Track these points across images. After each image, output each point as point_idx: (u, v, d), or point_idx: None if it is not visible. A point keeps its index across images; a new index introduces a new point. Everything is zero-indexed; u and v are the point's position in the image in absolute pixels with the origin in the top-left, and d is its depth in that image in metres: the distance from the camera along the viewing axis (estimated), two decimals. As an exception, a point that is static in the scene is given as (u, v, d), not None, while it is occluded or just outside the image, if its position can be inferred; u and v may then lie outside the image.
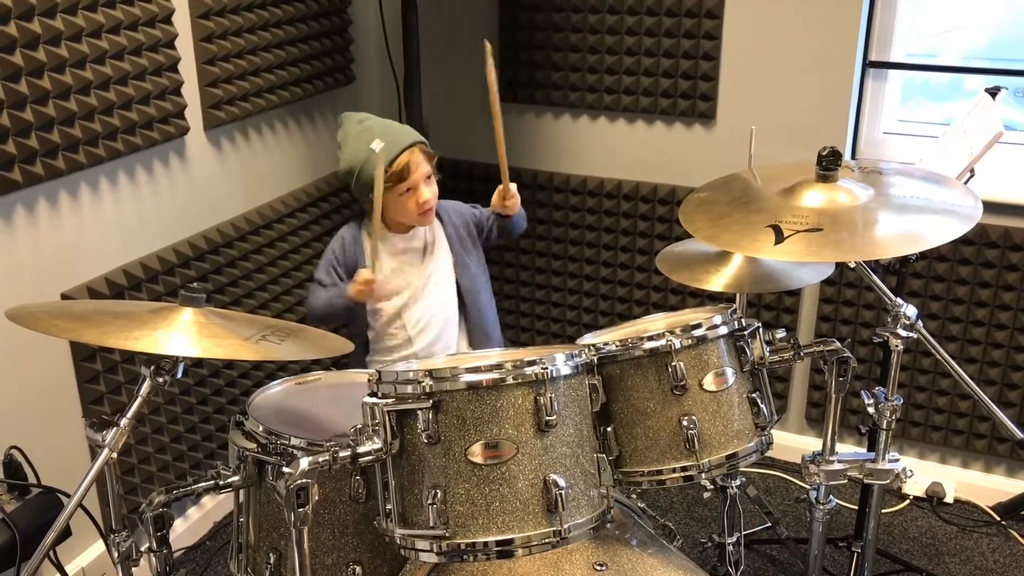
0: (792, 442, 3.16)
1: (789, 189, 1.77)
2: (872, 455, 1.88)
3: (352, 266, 2.35)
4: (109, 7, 2.23)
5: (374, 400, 1.44)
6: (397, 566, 1.69)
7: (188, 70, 2.52)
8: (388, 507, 1.47)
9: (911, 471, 1.89)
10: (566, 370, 1.48)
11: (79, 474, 1.52)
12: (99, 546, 2.45)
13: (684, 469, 1.64)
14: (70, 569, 2.34)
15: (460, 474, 1.42)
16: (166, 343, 1.49)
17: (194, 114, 2.56)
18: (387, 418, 1.43)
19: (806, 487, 1.98)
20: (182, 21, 2.47)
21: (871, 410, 1.88)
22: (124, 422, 1.53)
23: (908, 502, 2.98)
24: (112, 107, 2.27)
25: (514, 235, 2.54)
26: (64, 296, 2.27)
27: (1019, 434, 2.00)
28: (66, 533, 1.59)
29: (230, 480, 1.64)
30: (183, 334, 1.52)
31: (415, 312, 2.38)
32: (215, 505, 2.86)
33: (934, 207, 1.72)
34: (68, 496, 1.52)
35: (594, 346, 1.65)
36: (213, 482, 1.63)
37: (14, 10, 2.00)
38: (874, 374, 3.01)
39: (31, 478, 1.94)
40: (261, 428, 1.66)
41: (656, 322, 1.91)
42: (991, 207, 2.49)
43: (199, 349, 1.52)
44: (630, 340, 1.65)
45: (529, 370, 1.44)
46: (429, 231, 2.43)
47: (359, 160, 2.26)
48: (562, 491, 1.42)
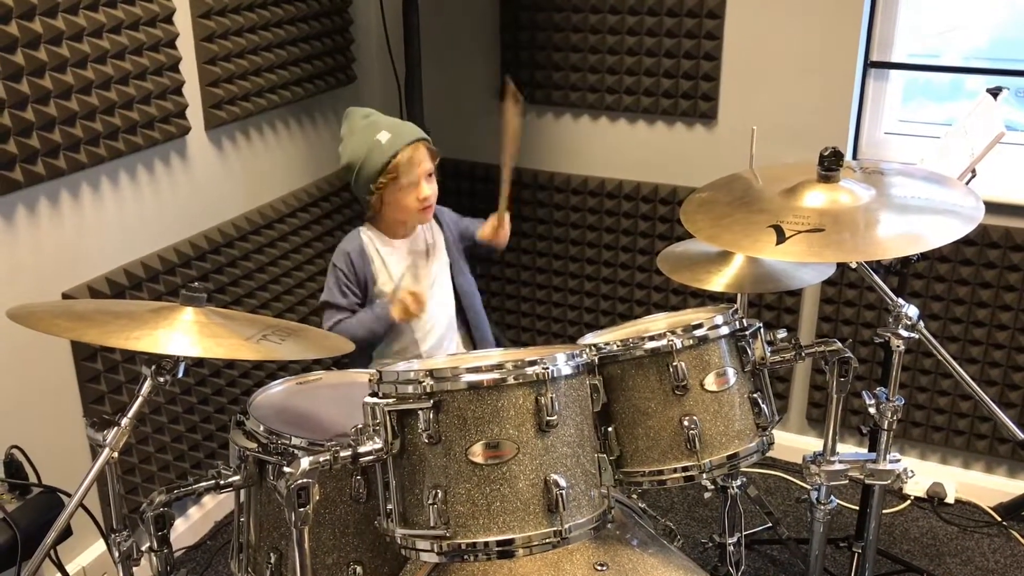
0: (793, 442, 3.16)
1: (790, 189, 1.77)
2: (873, 455, 1.88)
3: (364, 280, 2.30)
4: (110, 7, 2.23)
5: (375, 400, 1.44)
6: (398, 566, 1.69)
7: (189, 70, 2.52)
8: (389, 507, 1.47)
9: (912, 471, 1.89)
10: (567, 370, 1.48)
11: (80, 474, 1.52)
12: (100, 546, 2.45)
13: (685, 469, 1.64)
14: (71, 568, 2.34)
15: (461, 474, 1.42)
16: (167, 343, 1.49)
17: (195, 114, 2.56)
18: (388, 418, 1.43)
19: (807, 487, 1.98)
20: (183, 21, 2.47)
21: (872, 410, 1.88)
22: (125, 422, 1.53)
23: (909, 502, 2.98)
24: (113, 106, 2.27)
25: (489, 261, 2.52)
26: (65, 295, 2.27)
27: (1020, 435, 2.00)
28: (67, 533, 1.59)
29: (231, 480, 1.64)
30: (184, 334, 1.53)
31: (427, 312, 2.38)
32: (216, 505, 2.86)
33: (935, 207, 1.72)
34: (69, 496, 1.53)
35: (595, 346, 1.64)
36: (214, 482, 1.63)
37: (15, 9, 2.00)
38: (875, 374, 3.01)
39: (32, 478, 1.94)
40: (262, 428, 1.66)
41: (657, 322, 1.91)
42: (992, 207, 2.48)
43: (200, 349, 1.52)
44: (631, 340, 1.65)
45: (530, 370, 1.43)
46: (429, 234, 2.43)
47: (361, 155, 2.25)
48: (563, 491, 1.42)
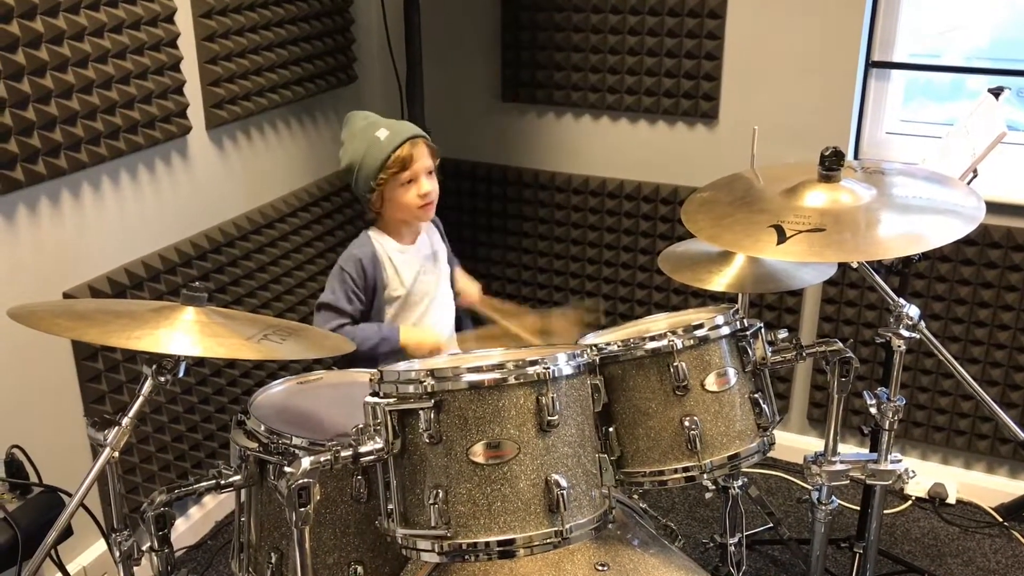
0: (794, 442, 3.15)
1: (791, 189, 1.76)
2: (874, 456, 1.88)
3: (373, 287, 2.30)
4: (111, 6, 2.23)
5: (376, 400, 1.44)
6: (399, 566, 1.69)
7: (190, 69, 2.52)
8: (390, 507, 1.47)
9: (913, 472, 1.89)
10: (568, 370, 1.48)
11: (81, 473, 1.52)
12: (100, 545, 2.45)
13: (686, 469, 1.64)
14: (72, 568, 2.34)
15: (462, 474, 1.42)
16: (168, 342, 1.49)
17: (196, 113, 2.56)
18: (389, 418, 1.43)
19: (808, 488, 1.98)
20: (184, 20, 2.47)
21: (873, 411, 1.88)
22: (126, 421, 1.52)
23: (910, 503, 2.98)
24: (114, 106, 2.27)
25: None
26: (66, 295, 2.27)
27: (1022, 435, 2.00)
28: (67, 532, 1.59)
29: (232, 479, 1.64)
30: (185, 333, 1.52)
31: (432, 317, 2.41)
32: (216, 504, 2.86)
33: (937, 207, 1.72)
34: (70, 495, 1.52)
35: (596, 346, 1.64)
36: (215, 481, 1.62)
37: (16, 9, 2.00)
38: (876, 374, 3.01)
39: (33, 477, 1.94)
40: (263, 427, 1.66)
41: (658, 322, 1.91)
42: (994, 207, 2.48)
43: (201, 348, 1.52)
44: (632, 340, 1.64)
45: (531, 370, 1.43)
46: (432, 240, 2.46)
47: (360, 153, 2.26)
48: (564, 491, 1.42)
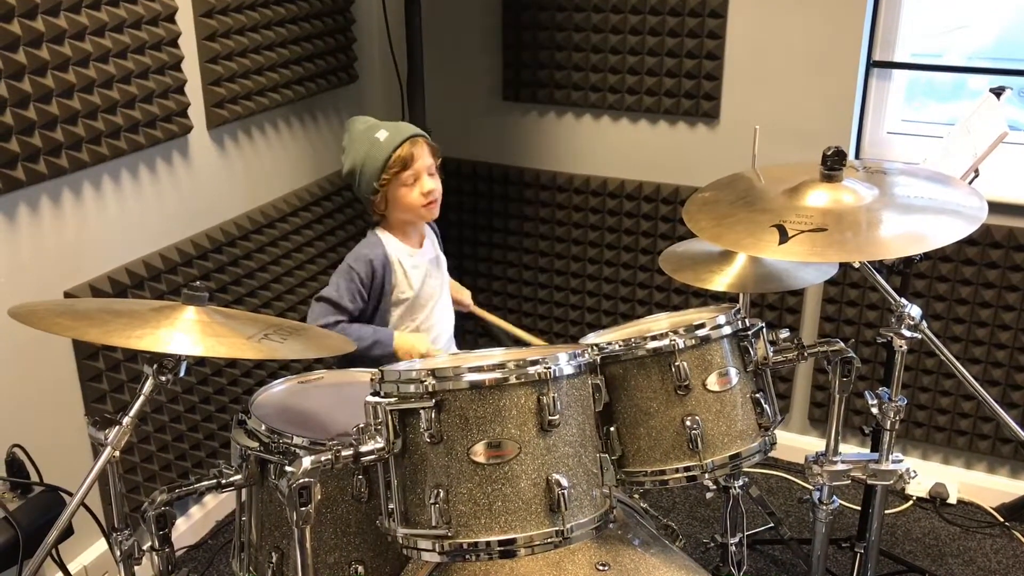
0: (795, 442, 3.15)
1: (793, 189, 1.76)
2: (875, 456, 1.87)
3: (380, 289, 2.30)
4: (112, 5, 2.23)
5: (377, 399, 1.43)
6: (399, 565, 1.69)
7: (191, 69, 2.51)
8: (390, 506, 1.46)
9: (914, 472, 1.88)
10: (569, 370, 1.48)
11: (81, 472, 1.52)
12: (101, 544, 2.45)
13: (687, 469, 1.63)
14: (72, 567, 2.34)
15: (462, 473, 1.41)
16: (169, 342, 1.48)
17: (197, 113, 2.56)
18: (389, 417, 1.43)
19: (809, 487, 1.98)
20: (185, 19, 2.47)
21: (874, 411, 1.88)
22: (126, 420, 1.52)
23: (911, 503, 2.98)
24: (115, 105, 2.27)
25: None
26: (67, 294, 2.27)
27: (1023, 435, 2.00)
28: (68, 532, 1.58)
29: (232, 479, 1.64)
30: (186, 333, 1.52)
31: (434, 318, 2.42)
32: (217, 504, 2.86)
33: (938, 207, 1.72)
34: (70, 494, 1.52)
35: (597, 346, 1.64)
36: (215, 481, 1.62)
37: (17, 8, 2.00)
38: (878, 374, 3.01)
39: (33, 476, 1.94)
40: (263, 427, 1.65)
41: (659, 322, 1.91)
42: (995, 207, 2.47)
43: (202, 348, 1.51)
44: (633, 340, 1.64)
45: (532, 369, 1.43)
46: (434, 244, 2.47)
47: (362, 155, 2.27)
48: (565, 491, 1.42)
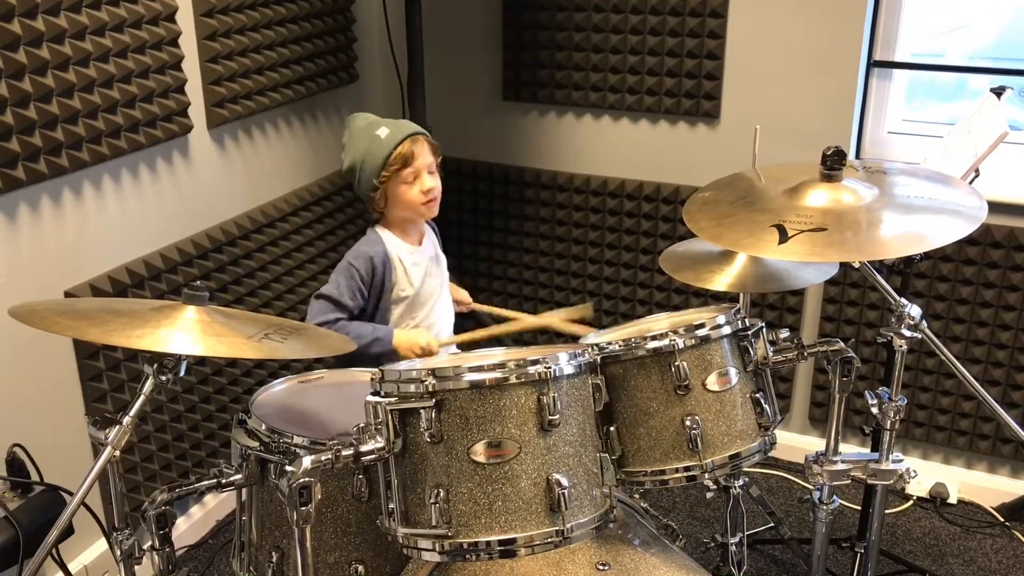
0: (795, 442, 3.15)
1: (793, 189, 1.76)
2: (876, 455, 1.87)
3: (380, 286, 2.30)
4: (113, 5, 2.23)
5: (377, 399, 1.44)
6: (399, 565, 1.69)
7: (191, 68, 2.51)
8: (391, 506, 1.46)
9: (915, 471, 1.88)
10: (569, 369, 1.48)
11: (82, 472, 1.52)
12: (101, 544, 2.45)
13: (687, 469, 1.63)
14: (73, 567, 2.34)
15: (463, 473, 1.41)
16: (169, 341, 1.48)
17: (197, 112, 2.56)
18: (390, 417, 1.43)
19: (809, 487, 1.98)
20: (185, 19, 2.47)
21: (875, 410, 1.88)
22: (127, 420, 1.52)
23: (911, 503, 2.98)
24: (115, 105, 2.27)
25: None
26: (67, 294, 2.27)
27: (1023, 435, 2.00)
28: (69, 531, 1.58)
29: (233, 478, 1.64)
30: (186, 332, 1.52)
31: (434, 317, 2.42)
32: (217, 503, 2.86)
33: (939, 207, 1.72)
34: (71, 494, 1.52)
35: (597, 345, 1.64)
36: (216, 480, 1.63)
37: (18, 8, 2.00)
38: (878, 374, 3.01)
39: (34, 476, 1.94)
40: (264, 426, 1.66)
41: (659, 322, 1.91)
42: (996, 207, 2.48)
43: (202, 347, 1.51)
44: (633, 340, 1.64)
45: (532, 369, 1.43)
46: (434, 243, 2.47)
47: (362, 153, 2.27)
48: (565, 491, 1.42)
